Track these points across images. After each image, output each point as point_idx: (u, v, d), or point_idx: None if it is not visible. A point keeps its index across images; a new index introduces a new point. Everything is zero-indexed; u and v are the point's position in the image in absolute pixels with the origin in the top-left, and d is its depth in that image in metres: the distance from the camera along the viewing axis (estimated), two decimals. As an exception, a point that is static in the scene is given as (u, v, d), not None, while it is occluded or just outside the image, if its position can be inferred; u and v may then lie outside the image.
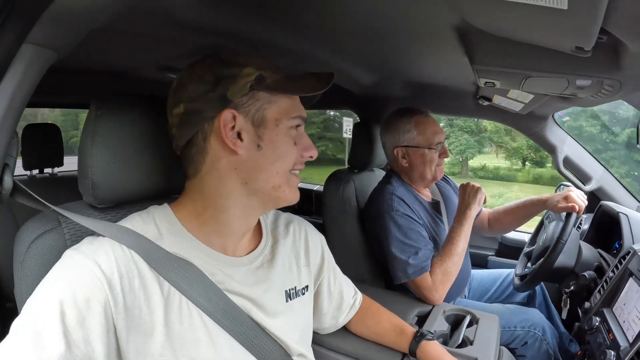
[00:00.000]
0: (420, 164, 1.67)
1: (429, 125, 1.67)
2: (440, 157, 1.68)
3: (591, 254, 1.57)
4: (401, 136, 1.69)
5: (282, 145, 0.77)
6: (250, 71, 0.74)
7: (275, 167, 0.77)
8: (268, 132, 0.76)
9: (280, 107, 0.77)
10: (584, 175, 1.96)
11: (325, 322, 1.09)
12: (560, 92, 1.14)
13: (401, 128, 1.69)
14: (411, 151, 1.68)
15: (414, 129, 1.66)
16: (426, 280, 1.48)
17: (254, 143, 0.75)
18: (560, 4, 0.58)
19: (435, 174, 1.68)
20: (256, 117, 0.74)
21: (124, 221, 0.75)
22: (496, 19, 0.80)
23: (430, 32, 1.08)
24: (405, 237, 1.52)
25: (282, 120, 0.77)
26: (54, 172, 2.28)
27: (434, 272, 1.49)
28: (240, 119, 0.74)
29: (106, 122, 0.77)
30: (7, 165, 0.70)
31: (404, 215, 1.55)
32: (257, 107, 0.75)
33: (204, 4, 0.97)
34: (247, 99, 0.74)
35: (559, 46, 0.85)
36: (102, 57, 1.64)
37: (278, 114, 0.77)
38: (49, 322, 0.58)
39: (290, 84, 0.78)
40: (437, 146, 1.66)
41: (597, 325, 1.27)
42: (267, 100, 0.75)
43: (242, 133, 0.74)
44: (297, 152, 0.80)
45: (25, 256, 0.73)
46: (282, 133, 0.77)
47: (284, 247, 0.92)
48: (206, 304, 0.73)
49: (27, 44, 0.63)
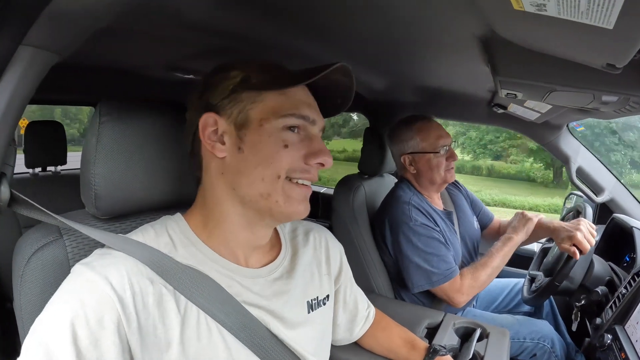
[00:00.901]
0: (428, 170, 1.67)
1: (431, 130, 1.67)
2: (448, 161, 1.68)
3: (602, 268, 1.55)
4: (405, 144, 1.70)
5: (266, 148, 0.71)
6: (236, 74, 0.72)
7: (259, 173, 0.71)
8: (250, 133, 0.71)
9: (267, 106, 0.71)
10: (596, 187, 1.93)
11: (338, 334, 1.07)
12: (583, 106, 1.12)
13: (404, 136, 1.70)
14: (417, 157, 1.68)
15: (417, 136, 1.67)
16: (454, 284, 1.51)
17: (235, 146, 0.72)
18: (607, 23, 0.55)
19: (445, 177, 1.68)
20: (239, 118, 0.71)
21: (135, 233, 0.73)
22: (528, 31, 0.77)
23: (451, 42, 1.05)
24: (427, 247, 1.53)
25: (269, 120, 0.71)
26: (57, 170, 2.26)
27: (464, 275, 1.52)
28: (222, 121, 0.72)
29: (110, 129, 0.74)
30: (3, 174, 0.67)
31: (423, 225, 1.55)
32: (239, 108, 0.71)
33: (213, 6, 0.95)
34: (228, 101, 0.72)
35: (590, 62, 0.82)
36: (109, 55, 1.62)
37: (263, 113, 0.71)
38: (61, 344, 0.56)
39: (275, 80, 0.73)
40: (443, 149, 1.65)
41: (609, 343, 1.25)
42: (252, 100, 0.71)
43: (224, 136, 0.72)
44: (294, 156, 0.72)
45: (24, 270, 0.71)
46: (267, 134, 0.71)
47: (305, 256, 0.90)
48: (225, 319, 0.70)
49: (24, 45, 0.60)
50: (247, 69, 0.73)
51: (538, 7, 0.58)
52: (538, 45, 0.85)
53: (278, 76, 0.74)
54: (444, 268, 1.51)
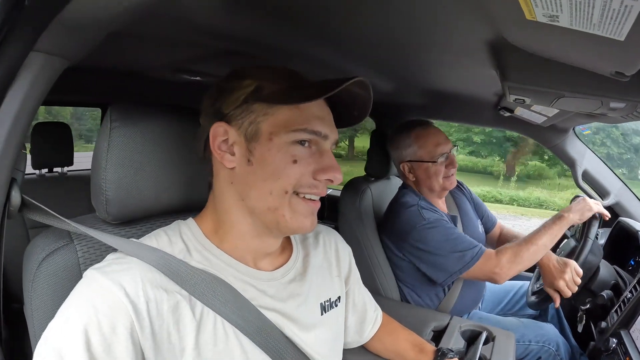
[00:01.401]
0: (426, 178, 1.66)
1: (429, 138, 1.66)
2: (448, 168, 1.66)
3: (608, 272, 1.55)
4: (403, 151, 1.69)
5: (274, 162, 0.70)
6: (249, 83, 0.72)
7: (267, 186, 0.70)
8: (259, 146, 0.70)
9: (277, 119, 0.70)
10: (602, 190, 1.93)
11: (348, 336, 1.07)
12: (591, 112, 1.12)
13: (402, 143, 1.69)
14: (415, 165, 1.68)
15: (414, 143, 1.66)
16: (490, 261, 1.47)
17: (245, 157, 0.71)
18: (618, 35, 0.56)
19: (444, 185, 1.67)
20: (249, 130, 0.71)
21: (148, 237, 0.73)
22: (538, 39, 0.78)
23: (460, 46, 1.05)
24: (448, 235, 1.52)
25: (279, 134, 0.70)
26: (63, 171, 2.27)
27: (504, 252, 1.47)
28: (233, 131, 0.71)
29: (122, 134, 0.74)
30: (14, 180, 0.67)
31: (437, 220, 1.55)
32: (250, 119, 0.71)
33: (223, 9, 0.95)
34: (240, 112, 0.71)
35: (599, 70, 0.82)
36: (116, 58, 1.62)
37: (273, 126, 0.70)
38: (74, 351, 0.57)
39: (287, 93, 0.71)
40: (441, 158, 1.63)
41: (613, 347, 1.25)
42: (263, 112, 0.70)
43: (234, 146, 0.72)
44: (302, 172, 0.71)
45: (35, 275, 0.71)
46: (276, 148, 0.70)
47: (316, 258, 0.90)
48: (242, 323, 0.70)
49: (35, 52, 0.60)
50: (260, 78, 0.72)
51: (551, 17, 0.59)
52: (548, 53, 0.85)
53: (291, 88, 0.73)
54: (470, 247, 1.49)
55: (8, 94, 0.60)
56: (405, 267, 1.66)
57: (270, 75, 0.73)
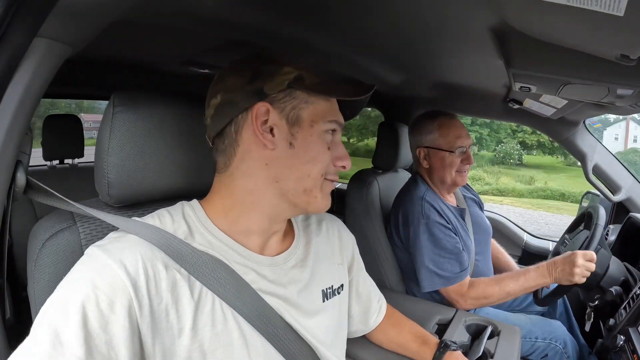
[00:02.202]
0: (440, 167, 1.65)
1: (452, 129, 1.65)
2: (463, 163, 1.65)
3: (617, 268, 1.52)
4: (424, 137, 1.68)
5: (315, 148, 0.75)
6: (289, 70, 0.74)
7: (307, 169, 0.74)
8: (302, 131, 0.74)
9: (317, 109, 0.75)
10: (613, 185, 1.90)
11: (352, 325, 1.07)
12: (598, 100, 1.10)
13: (424, 129, 1.68)
14: (432, 152, 1.67)
15: (437, 131, 1.65)
16: (460, 288, 1.50)
17: (286, 140, 0.73)
18: (617, 10, 0.55)
19: (455, 180, 1.66)
20: (291, 115, 0.73)
21: (151, 217, 0.74)
22: (541, 21, 0.77)
23: (465, 34, 1.05)
24: (437, 247, 1.52)
25: (318, 122, 0.75)
26: (74, 162, 2.30)
27: (476, 285, 1.50)
28: (275, 114, 0.72)
29: (124, 119, 0.75)
30: (20, 162, 0.68)
31: (436, 224, 1.54)
32: (293, 105, 0.74)
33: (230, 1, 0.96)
34: (283, 96, 0.73)
35: (604, 53, 0.81)
36: (124, 49, 1.64)
37: (314, 115, 0.75)
38: (70, 326, 0.56)
39: (328, 87, 0.76)
40: (459, 150, 1.63)
41: (621, 344, 1.23)
42: (304, 100, 0.74)
43: (275, 129, 0.73)
44: (331, 158, 0.78)
45: (38, 255, 0.72)
46: (316, 135, 0.75)
47: (318, 245, 0.90)
48: (241, 305, 0.71)
49: (39, 37, 0.61)
50: (299, 67, 0.76)
51: (549, -6, 0.58)
52: (550, 36, 0.84)
53: (327, 82, 0.77)
54: (449, 271, 1.50)
55: (13, 79, 0.61)
56: (408, 260, 1.66)
57: (304, 65, 0.77)
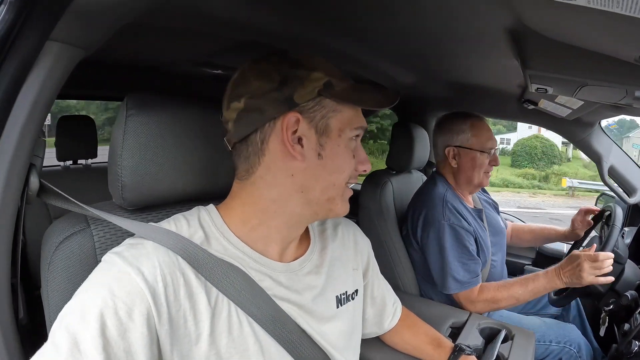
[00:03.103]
0: (470, 167, 1.66)
1: (484, 130, 1.67)
2: (490, 164, 1.67)
3: (633, 272, 1.50)
4: (455, 136, 1.68)
5: (342, 157, 0.74)
6: (319, 76, 0.71)
7: (333, 179, 0.74)
8: (330, 141, 0.73)
9: (344, 117, 0.74)
10: (629, 187, 1.88)
11: (366, 328, 1.06)
12: (615, 102, 1.08)
13: (456, 128, 1.68)
14: (463, 152, 1.67)
15: (470, 131, 1.66)
16: (471, 294, 1.50)
17: (315, 151, 0.72)
18: (638, 12, 0.53)
19: (481, 180, 1.67)
20: (320, 124, 0.71)
21: (167, 222, 0.73)
22: (559, 23, 0.76)
23: (480, 35, 1.03)
24: (455, 251, 1.52)
25: (345, 131, 0.74)
26: (87, 163, 2.32)
27: (486, 290, 1.51)
28: (304, 124, 0.71)
29: (138, 122, 0.75)
30: (33, 165, 0.69)
31: (455, 226, 1.54)
32: (322, 114, 0.71)
33: (242, 1, 0.95)
34: (313, 104, 0.71)
35: (622, 55, 0.80)
36: (136, 51, 1.64)
37: (342, 123, 0.73)
38: (89, 334, 0.56)
39: (357, 94, 0.74)
40: (490, 152, 1.64)
41: (636, 350, 1.22)
42: (333, 108, 0.72)
43: (304, 139, 0.71)
44: (353, 165, 0.76)
45: (52, 258, 0.72)
46: (344, 144, 0.74)
47: (333, 251, 0.89)
48: (256, 311, 0.70)
49: (51, 41, 0.61)
50: (328, 72, 0.72)
51: (568, -4, 0.57)
52: (568, 37, 0.83)
53: (356, 88, 0.75)
54: (464, 276, 1.51)
55: (26, 82, 0.61)
56: (424, 262, 1.65)
57: (332, 69, 0.74)
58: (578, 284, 1.40)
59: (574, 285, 1.43)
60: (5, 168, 0.63)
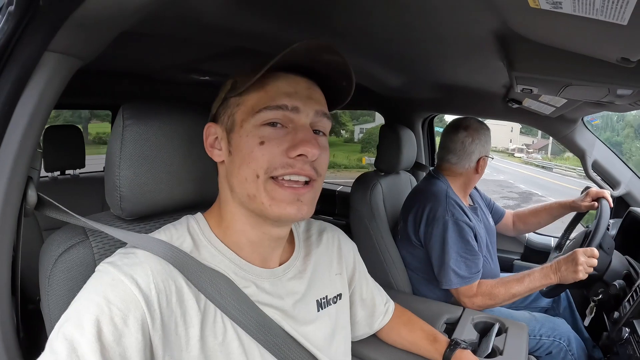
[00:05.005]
0: (482, 173, 1.75)
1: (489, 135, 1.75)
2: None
3: (620, 262, 1.54)
4: (486, 146, 1.75)
5: (244, 148, 0.70)
6: (228, 82, 0.75)
7: (242, 173, 0.70)
8: (235, 135, 0.72)
9: (247, 106, 0.71)
10: (612, 180, 1.92)
11: (358, 330, 1.09)
12: (599, 100, 1.12)
13: (485, 138, 1.74)
14: (485, 161, 1.75)
15: (489, 139, 1.74)
16: (470, 289, 1.54)
17: (227, 150, 0.74)
18: (621, 19, 0.56)
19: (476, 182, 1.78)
20: (228, 123, 0.74)
21: (158, 232, 0.75)
22: (544, 28, 0.78)
23: (468, 38, 1.06)
24: (459, 246, 1.56)
25: (247, 120, 0.70)
26: (75, 173, 2.29)
27: (484, 286, 1.55)
28: (218, 128, 0.75)
29: (135, 132, 0.75)
30: (30, 178, 0.69)
31: (459, 222, 1.58)
32: (228, 113, 0.74)
33: (231, 8, 0.96)
34: (222, 109, 0.75)
35: (605, 56, 0.82)
36: (128, 59, 1.64)
37: (244, 114, 0.71)
38: (86, 340, 0.57)
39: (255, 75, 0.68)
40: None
41: (626, 336, 1.25)
42: (236, 103, 0.73)
43: (221, 141, 0.75)
44: (272, 152, 0.68)
45: (52, 271, 0.72)
46: (245, 134, 0.70)
47: (317, 257, 0.91)
48: (240, 317, 0.72)
49: (49, 52, 0.62)
50: (237, 75, 0.75)
51: (554, 4, 0.59)
52: (553, 41, 0.85)
53: (253, 73, 0.69)
54: (466, 271, 1.54)
55: (23, 94, 0.61)
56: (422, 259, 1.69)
57: (245, 70, 0.74)
58: (572, 279, 1.43)
59: (567, 282, 1.47)
60: (5, 182, 0.63)
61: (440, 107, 2.20)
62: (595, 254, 1.41)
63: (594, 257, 1.41)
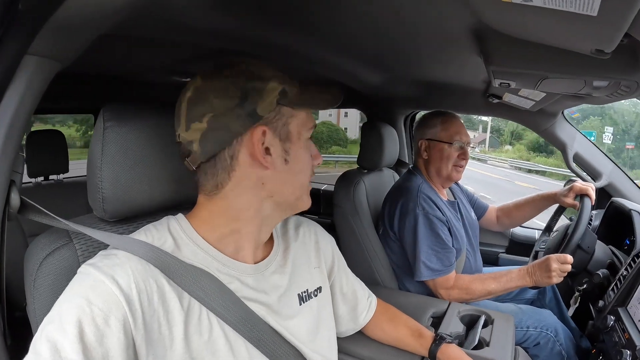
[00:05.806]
0: (438, 159, 1.74)
1: (453, 124, 1.76)
2: (459, 157, 1.74)
3: (603, 252, 1.57)
4: (427, 130, 1.78)
5: (304, 158, 0.80)
6: (275, 86, 0.73)
7: (299, 180, 0.79)
8: (293, 145, 0.77)
9: (300, 120, 0.78)
10: (594, 172, 1.95)
11: (342, 325, 1.09)
12: (576, 92, 1.13)
13: (428, 123, 1.79)
14: (432, 144, 1.76)
15: (439, 125, 1.76)
16: (446, 282, 1.58)
17: (282, 158, 0.76)
18: (590, 10, 0.57)
19: (450, 173, 1.75)
20: (282, 131, 0.75)
21: (138, 233, 0.75)
22: (517, 21, 0.79)
23: (444, 34, 1.06)
24: (429, 239, 1.58)
25: (302, 133, 0.79)
26: (59, 178, 2.26)
27: (461, 280, 1.59)
28: (270, 134, 0.74)
29: (116, 133, 0.75)
30: (13, 182, 0.68)
31: (429, 216, 1.60)
32: (282, 122, 0.75)
33: (211, 9, 0.96)
34: (274, 115, 0.74)
35: (579, 48, 0.84)
36: (108, 62, 1.63)
37: (299, 127, 0.78)
38: (68, 341, 0.58)
39: (308, 98, 0.80)
40: (457, 143, 1.72)
41: (611, 324, 1.27)
42: (290, 114, 0.76)
43: (271, 148, 0.74)
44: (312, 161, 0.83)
45: (37, 275, 0.72)
46: (304, 145, 0.80)
47: (295, 250, 0.92)
48: (225, 313, 0.72)
49: (29, 55, 0.61)
50: (281, 80, 0.75)
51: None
52: (527, 35, 0.86)
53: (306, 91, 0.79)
54: (440, 265, 1.57)
55: (4, 97, 0.61)
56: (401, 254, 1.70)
57: (283, 77, 0.77)
58: (546, 284, 1.50)
59: (542, 285, 1.52)
60: (-13, 186, 0.62)
61: (422, 104, 2.22)
62: (569, 260, 1.45)
63: (567, 262, 1.45)
